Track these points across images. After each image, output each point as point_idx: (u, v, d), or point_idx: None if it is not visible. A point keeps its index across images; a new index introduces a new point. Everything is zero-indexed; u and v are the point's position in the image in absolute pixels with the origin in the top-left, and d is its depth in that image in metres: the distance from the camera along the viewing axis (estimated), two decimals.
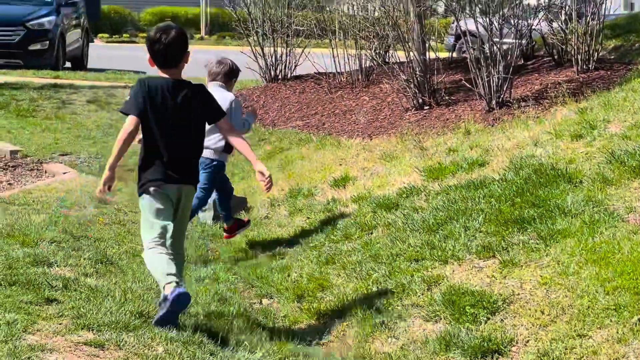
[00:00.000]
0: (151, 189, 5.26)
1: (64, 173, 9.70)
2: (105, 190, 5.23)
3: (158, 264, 5.15)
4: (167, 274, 5.08)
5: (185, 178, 5.34)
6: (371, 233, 7.01)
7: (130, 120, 5.21)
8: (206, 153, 6.84)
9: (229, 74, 7.61)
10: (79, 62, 21.00)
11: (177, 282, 5.04)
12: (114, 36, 34.44)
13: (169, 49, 5.28)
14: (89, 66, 21.41)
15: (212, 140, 7.20)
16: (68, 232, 7.09)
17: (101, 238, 7.20)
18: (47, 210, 7.77)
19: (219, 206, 7.71)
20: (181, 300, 5.03)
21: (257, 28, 14.58)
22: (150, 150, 5.28)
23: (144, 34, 35.01)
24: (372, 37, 12.93)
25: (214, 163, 7.35)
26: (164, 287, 5.07)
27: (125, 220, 8.05)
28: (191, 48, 5.57)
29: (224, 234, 7.72)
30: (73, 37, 20.51)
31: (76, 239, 6.99)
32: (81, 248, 6.72)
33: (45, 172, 9.94)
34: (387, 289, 5.90)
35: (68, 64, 20.61)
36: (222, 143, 7.25)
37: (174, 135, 5.26)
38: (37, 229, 6.94)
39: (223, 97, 7.15)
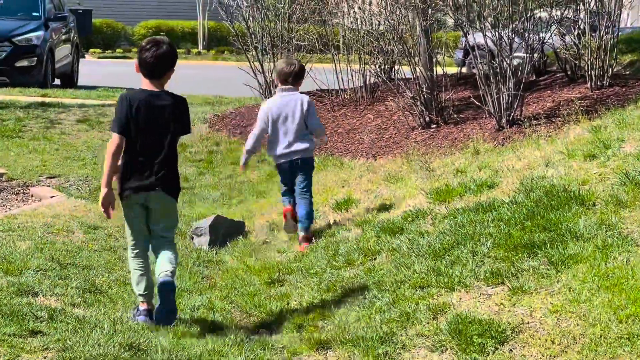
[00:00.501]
0: (125, 197, 5.99)
1: (52, 197, 9.75)
2: (109, 211, 5.85)
3: (133, 276, 6.13)
4: (138, 294, 6.11)
5: (157, 184, 5.95)
6: (375, 259, 7.05)
7: (114, 138, 5.88)
8: (304, 154, 8.10)
9: (299, 74, 8.16)
10: (69, 79, 21.10)
11: (144, 302, 6.05)
12: (106, 51, 34.63)
13: (157, 61, 5.92)
14: (79, 83, 21.52)
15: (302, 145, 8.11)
16: (55, 259, 7.14)
17: (90, 266, 7.24)
18: (32, 237, 7.81)
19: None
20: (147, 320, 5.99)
21: (256, 43, 14.67)
22: (128, 159, 5.94)
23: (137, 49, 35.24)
24: (376, 52, 13.01)
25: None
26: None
27: (115, 246, 8.09)
28: (188, 63, 5.79)
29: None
30: (62, 52, 20.61)
31: (63, 266, 7.03)
32: (68, 276, 6.77)
33: (32, 195, 9.99)
34: (391, 318, 5.93)
35: (57, 81, 20.71)
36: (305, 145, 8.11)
37: (150, 145, 5.92)
38: (22, 257, 6.99)
39: (301, 98, 8.09)
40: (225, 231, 8.58)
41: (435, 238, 6.83)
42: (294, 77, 8.09)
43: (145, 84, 5.99)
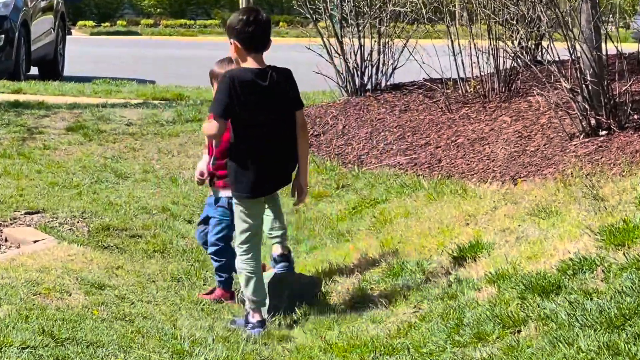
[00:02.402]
0: (246, 196, 8.17)
1: (35, 241, 9.88)
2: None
3: (241, 278, 8.35)
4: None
5: (281, 179, 8.28)
6: (519, 331, 7.15)
7: (213, 122, 8.03)
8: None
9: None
10: (52, 67, 21.31)
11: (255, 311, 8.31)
12: (102, 24, 35.10)
13: (264, 30, 7.97)
14: (66, 73, 21.73)
15: None
16: (47, 332, 7.33)
17: (97, 342, 7.41)
18: (12, 300, 8.01)
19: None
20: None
21: (331, 10, 14.75)
22: (243, 149, 8.04)
23: (148, 21, 35.69)
24: (515, 21, 13.06)
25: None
26: None
27: (132, 313, 8.29)
28: (226, 41, 6.62)
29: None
30: (41, 27, 20.80)
31: (59, 342, 7.23)
32: (67, 357, 6.98)
33: (6, 239, 10.16)
34: None
35: (34, 70, 20.93)
36: None
37: (268, 130, 8.01)
38: (0, 328, 7.22)
39: None
40: (292, 292, 8.70)
41: (610, 300, 6.91)
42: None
43: (249, 62, 7.98)
